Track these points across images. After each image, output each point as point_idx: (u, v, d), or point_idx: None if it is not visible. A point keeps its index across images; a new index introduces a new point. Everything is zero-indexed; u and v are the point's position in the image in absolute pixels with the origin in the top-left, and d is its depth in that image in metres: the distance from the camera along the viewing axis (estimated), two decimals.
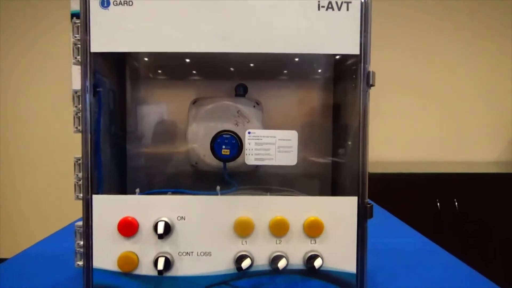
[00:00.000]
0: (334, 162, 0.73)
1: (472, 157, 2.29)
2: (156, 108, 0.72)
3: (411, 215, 1.28)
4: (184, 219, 0.57)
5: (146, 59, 0.72)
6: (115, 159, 0.68)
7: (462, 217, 1.83)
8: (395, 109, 2.26)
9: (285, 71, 0.73)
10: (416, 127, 2.29)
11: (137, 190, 0.59)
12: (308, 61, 0.72)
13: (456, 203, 1.83)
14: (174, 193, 0.60)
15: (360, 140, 0.57)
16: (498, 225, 1.82)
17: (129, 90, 0.72)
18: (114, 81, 0.69)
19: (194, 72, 0.73)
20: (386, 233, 0.93)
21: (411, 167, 2.08)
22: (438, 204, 1.84)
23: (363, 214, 0.57)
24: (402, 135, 2.29)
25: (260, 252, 0.56)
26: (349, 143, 0.65)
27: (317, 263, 0.55)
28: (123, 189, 0.70)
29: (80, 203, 0.56)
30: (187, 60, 0.70)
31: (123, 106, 0.72)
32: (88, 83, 0.56)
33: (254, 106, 0.67)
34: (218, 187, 0.59)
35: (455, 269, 0.73)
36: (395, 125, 2.26)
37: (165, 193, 0.60)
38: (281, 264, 0.55)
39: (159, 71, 0.73)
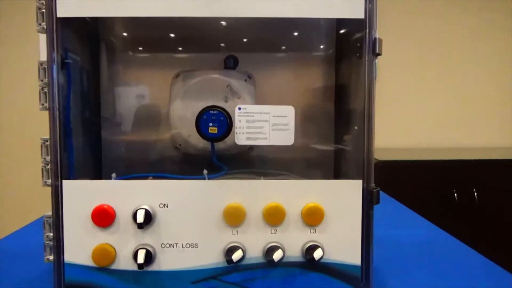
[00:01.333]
0: (337, 147, 0.71)
1: (489, 142, 2.27)
2: (136, 88, 0.70)
3: (422, 205, 1.27)
4: (167, 207, 0.55)
5: (124, 33, 0.70)
6: (88, 142, 0.66)
7: (479, 208, 1.81)
8: (405, 91, 2.23)
9: (282, 46, 0.71)
10: (428, 110, 2.27)
11: (113, 174, 0.58)
12: (307, 33, 0.71)
13: (476, 193, 1.82)
14: (155, 177, 0.58)
15: (365, 116, 0.56)
16: None
17: (105, 69, 0.70)
18: (87, 59, 0.66)
19: (178, 46, 0.71)
20: (394, 224, 0.92)
21: (422, 154, 2.06)
22: (455, 194, 1.82)
23: (369, 200, 0.56)
24: (411, 118, 2.27)
25: (253, 242, 0.55)
26: (355, 127, 0.63)
27: (317, 254, 0.54)
28: (98, 174, 0.68)
29: (49, 191, 0.54)
30: (171, 35, 0.67)
31: (97, 87, 0.69)
32: (55, 54, 0.53)
33: (245, 80, 0.65)
34: (205, 171, 0.57)
35: (471, 262, 0.72)
36: (405, 107, 2.24)
37: (145, 177, 0.58)
38: (277, 255, 0.54)
39: (139, 47, 0.70)
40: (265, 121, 0.55)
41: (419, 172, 1.83)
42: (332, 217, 0.56)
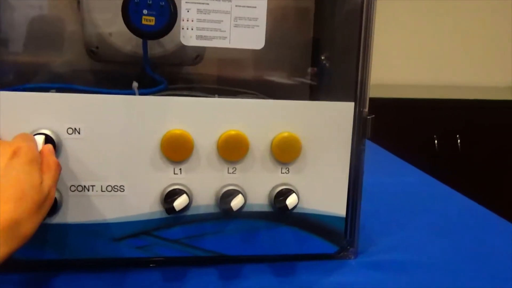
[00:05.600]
0: (317, 60, 0.70)
1: (485, 81, 2.37)
2: None
3: (407, 150, 1.29)
4: (79, 133, 0.51)
5: None
6: None
7: (466, 154, 1.89)
8: (397, 20, 2.25)
9: None
10: (419, 42, 2.33)
11: None
12: None
13: (459, 140, 1.89)
14: (61, 90, 0.53)
15: (363, 18, 0.56)
16: None
17: None
18: None
19: None
20: (378, 171, 0.92)
21: (413, 91, 2.10)
22: (436, 140, 1.89)
23: (362, 130, 0.56)
24: (401, 50, 2.31)
25: (202, 185, 0.54)
26: (344, 34, 0.63)
27: (290, 201, 0.53)
28: None
29: None
30: None
31: None
32: None
33: None
34: (135, 83, 0.54)
35: (467, 211, 0.77)
36: (393, 39, 2.26)
37: (46, 89, 0.54)
38: (236, 203, 0.52)
39: None
40: (225, 13, 0.52)
41: (396, 112, 1.87)
42: (311, 151, 0.55)
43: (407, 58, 2.38)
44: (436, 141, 1.93)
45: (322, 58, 0.68)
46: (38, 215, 0.41)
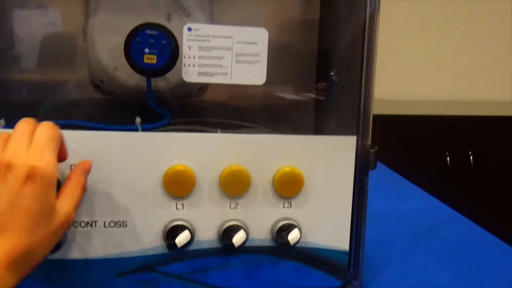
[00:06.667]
0: (320, 92, 0.70)
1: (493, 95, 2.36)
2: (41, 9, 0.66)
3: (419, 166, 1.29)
4: None
5: None
6: None
7: (479, 170, 1.88)
8: (401, 36, 2.25)
9: None
10: (432, 57, 2.32)
11: (1, 121, 0.54)
12: None
13: (472, 156, 1.87)
14: (64, 127, 0.52)
15: (365, 52, 0.56)
16: None
17: None
18: None
19: None
20: (383, 194, 0.92)
21: (418, 108, 2.09)
22: (448, 158, 1.87)
23: (364, 163, 0.56)
24: (403, 66, 2.30)
25: (205, 220, 0.54)
26: (347, 66, 0.63)
27: (292, 237, 0.53)
28: None
29: None
30: None
31: None
32: None
33: None
34: (138, 119, 0.55)
35: (477, 240, 0.75)
36: (396, 52, 2.26)
37: None
38: (237, 239, 0.52)
39: None
40: (226, 49, 0.53)
41: (408, 129, 1.86)
42: (314, 186, 0.55)
43: (420, 73, 2.37)
44: (448, 158, 1.92)
45: (332, 73, 0.68)
46: (52, 241, 0.40)
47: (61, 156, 0.45)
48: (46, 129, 0.42)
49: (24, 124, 0.42)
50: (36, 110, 0.65)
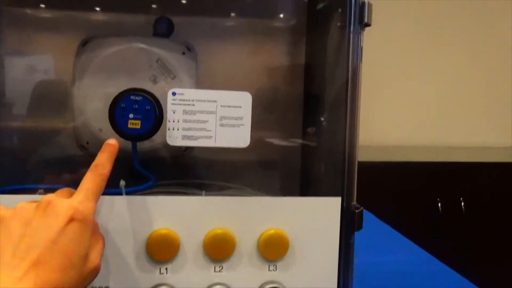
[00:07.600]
0: (306, 146, 0.71)
1: (484, 141, 2.37)
2: (27, 59, 0.67)
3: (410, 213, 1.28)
4: None
5: None
6: None
7: (469, 220, 1.87)
8: (390, 80, 2.28)
9: (233, 11, 0.71)
10: (415, 102, 2.35)
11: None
12: None
13: (462, 203, 1.87)
14: (48, 190, 0.53)
15: (348, 110, 0.56)
16: None
17: None
18: None
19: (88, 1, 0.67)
20: (373, 248, 0.92)
21: (408, 154, 2.10)
22: (440, 204, 1.87)
23: (349, 224, 0.56)
24: (396, 112, 2.33)
25: (188, 284, 0.53)
26: (329, 117, 0.64)
27: None
28: None
29: None
30: None
31: None
32: None
33: (183, 53, 0.63)
34: (122, 182, 0.54)
35: None
36: (385, 98, 2.28)
37: (34, 190, 0.56)
38: None
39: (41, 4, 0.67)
40: (210, 113, 0.53)
41: (398, 176, 1.86)
42: (299, 248, 0.55)
43: (409, 118, 2.39)
44: (439, 204, 1.92)
45: (322, 119, 0.68)
46: (78, 286, 0.41)
47: None
48: (96, 178, 0.46)
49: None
50: (19, 171, 0.65)
